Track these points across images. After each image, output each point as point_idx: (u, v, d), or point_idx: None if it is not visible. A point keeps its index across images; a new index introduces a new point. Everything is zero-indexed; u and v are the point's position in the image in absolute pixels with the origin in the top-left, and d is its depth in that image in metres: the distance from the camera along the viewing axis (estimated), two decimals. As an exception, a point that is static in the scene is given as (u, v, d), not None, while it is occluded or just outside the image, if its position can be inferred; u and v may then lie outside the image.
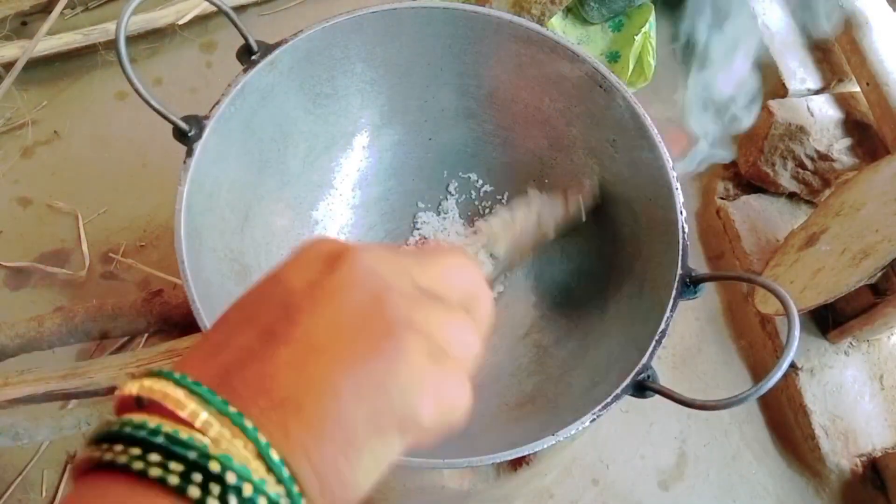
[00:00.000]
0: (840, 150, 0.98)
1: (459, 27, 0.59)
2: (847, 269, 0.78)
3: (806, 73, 1.06)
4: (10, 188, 0.99)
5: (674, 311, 0.49)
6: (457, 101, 0.66)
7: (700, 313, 0.99)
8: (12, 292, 0.93)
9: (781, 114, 0.98)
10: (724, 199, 1.05)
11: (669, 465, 0.89)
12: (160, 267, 0.95)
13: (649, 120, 0.55)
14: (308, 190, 0.65)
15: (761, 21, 1.09)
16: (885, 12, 0.98)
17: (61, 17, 1.12)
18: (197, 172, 0.50)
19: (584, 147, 0.63)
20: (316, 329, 0.21)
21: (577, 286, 0.65)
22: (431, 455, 0.44)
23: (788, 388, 0.91)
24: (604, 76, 0.56)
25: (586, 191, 0.60)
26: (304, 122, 0.61)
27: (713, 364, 0.96)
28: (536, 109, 0.64)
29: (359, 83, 0.62)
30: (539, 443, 0.45)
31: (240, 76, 0.53)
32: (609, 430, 0.90)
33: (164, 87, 1.09)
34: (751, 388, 0.40)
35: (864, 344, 0.91)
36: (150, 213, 0.98)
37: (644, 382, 0.47)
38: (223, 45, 1.13)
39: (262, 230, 0.60)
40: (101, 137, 1.04)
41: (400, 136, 0.68)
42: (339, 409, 0.20)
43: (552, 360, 0.60)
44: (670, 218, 0.53)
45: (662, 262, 0.53)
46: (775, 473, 0.90)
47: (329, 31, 0.56)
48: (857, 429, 0.88)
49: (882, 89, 0.94)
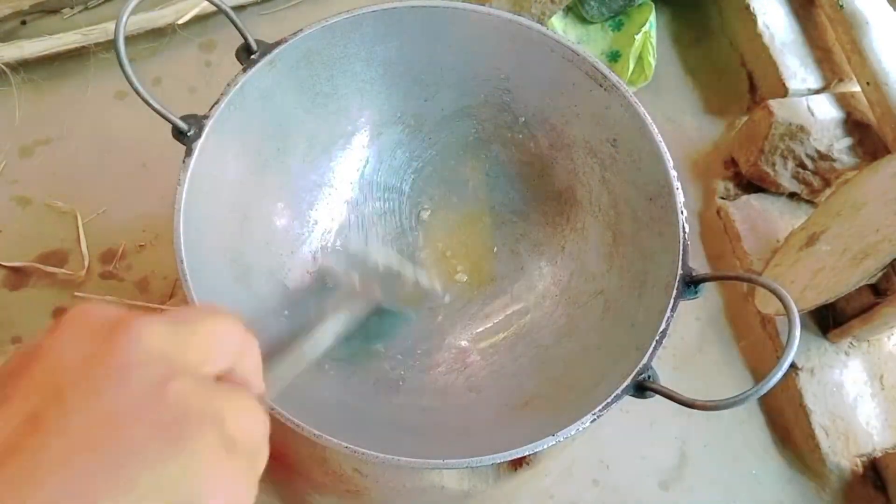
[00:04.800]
0: (840, 150, 0.98)
1: (459, 26, 0.59)
2: (847, 269, 0.78)
3: (806, 72, 1.06)
4: (9, 188, 0.99)
5: (674, 311, 0.49)
6: (456, 101, 0.65)
7: (700, 313, 0.99)
8: (11, 292, 0.93)
9: (782, 113, 0.98)
10: (725, 199, 1.05)
11: (670, 465, 0.89)
12: (159, 267, 0.95)
13: (649, 119, 0.55)
14: (307, 189, 0.65)
15: (761, 21, 1.09)
16: (885, 12, 0.98)
17: (60, 16, 1.12)
18: (196, 172, 0.50)
19: (584, 147, 0.63)
20: (95, 416, 0.18)
21: (578, 286, 0.65)
22: (431, 455, 0.44)
23: (788, 388, 0.91)
24: (604, 76, 0.56)
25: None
26: (304, 121, 0.61)
27: (713, 364, 0.96)
28: (536, 109, 0.64)
29: (358, 82, 0.62)
30: (539, 443, 0.45)
31: (239, 76, 0.53)
32: (609, 430, 0.90)
33: (164, 87, 1.09)
34: (751, 389, 0.40)
35: (865, 344, 0.91)
36: (149, 213, 0.98)
37: (644, 382, 0.46)
38: (222, 44, 1.12)
39: (261, 230, 0.60)
40: (100, 137, 1.04)
41: (399, 136, 0.68)
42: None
43: (552, 360, 0.60)
44: (671, 218, 0.53)
45: (663, 262, 0.53)
46: (775, 473, 0.90)
47: (328, 31, 0.56)
48: (857, 429, 0.88)
49: (882, 89, 0.94)
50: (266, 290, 0.59)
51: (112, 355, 0.19)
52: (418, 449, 0.46)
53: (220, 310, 0.24)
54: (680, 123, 1.13)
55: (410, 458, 0.43)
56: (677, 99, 1.15)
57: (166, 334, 0.21)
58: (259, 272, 0.59)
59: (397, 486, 0.63)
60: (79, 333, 0.20)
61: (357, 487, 0.63)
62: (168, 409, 0.19)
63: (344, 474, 0.63)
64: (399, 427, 0.55)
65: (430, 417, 0.58)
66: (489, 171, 0.70)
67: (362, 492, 0.63)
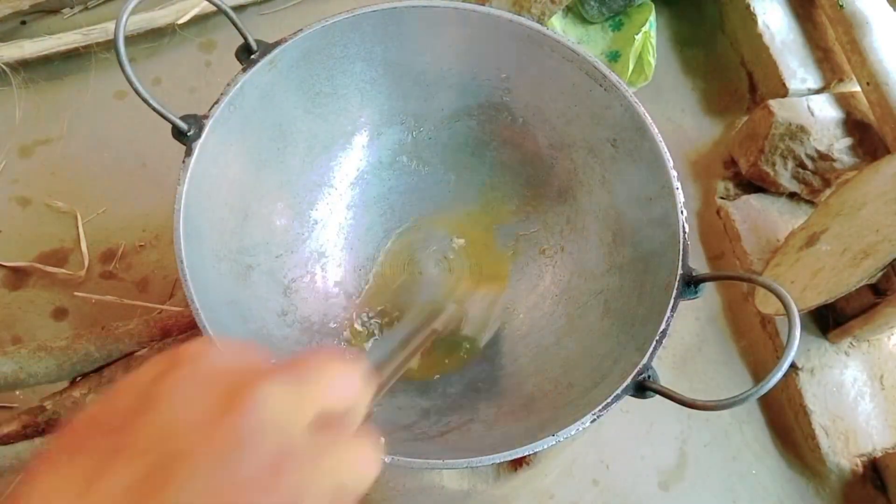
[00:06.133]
0: (840, 150, 0.98)
1: (459, 26, 0.59)
2: (847, 269, 0.78)
3: (806, 72, 1.06)
4: (8, 188, 0.99)
5: (674, 311, 0.49)
6: (456, 101, 0.65)
7: (700, 313, 0.99)
8: (11, 292, 0.93)
9: (782, 113, 0.98)
10: (725, 199, 1.05)
11: (670, 465, 0.89)
12: (159, 267, 0.95)
13: (649, 119, 0.55)
14: (307, 189, 0.65)
15: (761, 21, 1.09)
16: (886, 12, 0.98)
17: (60, 16, 1.12)
18: (196, 172, 0.50)
19: (584, 147, 0.63)
20: (219, 484, 0.18)
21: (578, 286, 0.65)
22: (431, 455, 0.44)
23: (788, 388, 0.91)
24: (604, 76, 0.56)
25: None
26: (304, 121, 0.61)
27: (713, 364, 0.96)
28: (536, 109, 0.64)
29: (358, 82, 0.62)
30: (539, 443, 0.45)
31: (239, 75, 0.53)
32: (609, 430, 0.90)
33: (164, 87, 1.09)
34: (751, 389, 0.40)
35: (865, 344, 0.91)
36: (149, 213, 0.98)
37: (644, 382, 0.46)
38: (222, 44, 1.12)
39: (261, 230, 0.60)
40: (100, 137, 1.04)
41: (399, 136, 0.68)
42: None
43: (552, 360, 0.60)
44: (671, 218, 0.53)
45: (663, 262, 0.53)
46: (775, 473, 0.90)
47: (328, 30, 0.56)
48: (857, 429, 0.88)
49: (882, 89, 0.94)
50: (266, 290, 0.59)
51: (232, 422, 0.19)
52: (418, 449, 0.45)
53: (335, 355, 0.23)
54: (680, 123, 1.13)
55: (410, 458, 0.43)
56: (677, 99, 1.15)
57: (286, 399, 0.20)
58: (259, 272, 0.59)
59: (397, 486, 0.63)
60: (197, 385, 0.20)
61: (357, 487, 0.63)
62: (281, 493, 0.19)
63: (344, 474, 0.62)
64: (399, 427, 0.55)
65: (430, 417, 0.58)
66: (489, 172, 0.70)
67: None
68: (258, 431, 0.19)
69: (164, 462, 0.18)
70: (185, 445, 0.18)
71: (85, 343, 0.64)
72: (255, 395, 0.19)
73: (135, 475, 0.18)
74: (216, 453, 0.18)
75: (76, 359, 0.64)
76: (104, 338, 0.65)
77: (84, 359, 0.64)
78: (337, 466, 0.21)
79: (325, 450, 0.21)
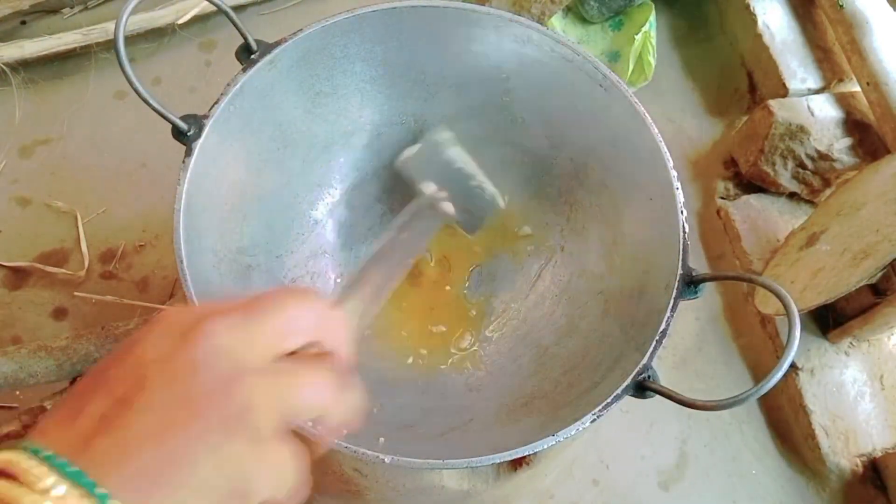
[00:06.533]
0: (840, 150, 0.98)
1: (459, 26, 0.59)
2: (847, 269, 0.78)
3: (806, 72, 1.06)
4: (8, 188, 0.99)
5: (674, 311, 0.49)
6: (457, 101, 0.65)
7: (700, 313, 0.99)
8: (11, 292, 0.93)
9: (782, 113, 0.98)
10: (725, 199, 1.05)
11: (670, 465, 0.89)
12: (159, 267, 0.95)
13: (649, 119, 0.55)
14: (307, 189, 0.65)
15: (761, 21, 1.09)
16: (886, 12, 0.98)
17: (60, 16, 1.12)
18: (196, 172, 0.50)
19: (584, 147, 0.63)
20: (171, 400, 0.22)
21: (578, 286, 0.65)
22: (431, 455, 0.44)
23: (788, 388, 0.91)
24: (604, 76, 0.56)
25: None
26: (304, 121, 0.61)
27: (713, 364, 0.96)
28: (536, 109, 0.64)
29: (358, 82, 0.62)
30: (539, 443, 0.45)
31: (239, 75, 0.53)
32: (609, 430, 0.90)
33: (164, 87, 1.09)
34: (751, 389, 0.40)
35: (865, 344, 0.91)
36: (149, 213, 0.98)
37: (644, 382, 0.46)
38: (222, 44, 1.12)
39: (261, 230, 0.60)
40: (100, 137, 1.04)
41: (400, 136, 0.68)
42: (195, 481, 0.22)
43: (552, 360, 0.60)
44: (671, 218, 0.53)
45: (663, 262, 0.53)
46: (775, 473, 0.90)
47: (328, 30, 0.56)
48: (857, 429, 0.88)
49: (882, 89, 0.94)
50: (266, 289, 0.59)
51: (185, 351, 0.23)
52: (418, 449, 0.45)
53: (295, 291, 0.27)
54: (680, 123, 1.13)
55: (410, 458, 0.43)
56: (677, 99, 1.15)
57: (234, 331, 0.24)
58: (259, 272, 0.59)
59: (397, 486, 0.63)
60: (162, 333, 0.24)
61: (357, 487, 0.63)
62: (231, 403, 0.23)
63: (344, 474, 0.63)
64: (399, 427, 0.55)
65: (431, 417, 0.58)
66: (489, 172, 0.70)
67: (362, 492, 0.63)
68: (212, 356, 0.23)
69: (129, 392, 0.22)
70: (147, 374, 0.23)
71: (85, 343, 0.64)
72: (205, 328, 0.23)
73: (107, 405, 0.22)
74: (171, 376, 0.22)
75: (76, 359, 0.64)
76: (104, 338, 0.65)
77: (84, 359, 0.64)
78: (291, 388, 0.24)
79: (282, 371, 0.25)
